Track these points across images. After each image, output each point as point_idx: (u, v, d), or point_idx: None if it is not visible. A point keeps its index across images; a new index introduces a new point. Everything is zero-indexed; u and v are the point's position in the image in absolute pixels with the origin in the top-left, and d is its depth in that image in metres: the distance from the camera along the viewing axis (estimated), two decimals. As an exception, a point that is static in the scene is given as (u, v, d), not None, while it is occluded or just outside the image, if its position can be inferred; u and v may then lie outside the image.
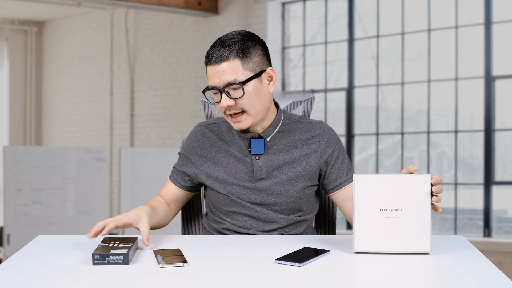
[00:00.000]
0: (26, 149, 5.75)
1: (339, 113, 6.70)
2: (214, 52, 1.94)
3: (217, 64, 1.93)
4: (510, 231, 5.77)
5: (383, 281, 1.45)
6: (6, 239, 5.43)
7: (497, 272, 1.47)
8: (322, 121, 2.12)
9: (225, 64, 1.92)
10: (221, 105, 1.95)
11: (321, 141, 2.06)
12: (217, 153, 2.08)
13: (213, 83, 1.95)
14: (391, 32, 6.37)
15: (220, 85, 1.94)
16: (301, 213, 2.08)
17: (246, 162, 2.04)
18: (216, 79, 1.94)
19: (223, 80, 1.93)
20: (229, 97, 1.94)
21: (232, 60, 1.93)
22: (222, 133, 2.10)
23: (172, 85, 7.71)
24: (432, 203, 1.67)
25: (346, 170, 2.07)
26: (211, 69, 1.94)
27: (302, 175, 2.03)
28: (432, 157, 6.18)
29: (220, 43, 1.95)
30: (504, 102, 5.82)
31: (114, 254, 1.56)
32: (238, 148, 2.06)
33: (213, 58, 1.93)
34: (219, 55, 1.93)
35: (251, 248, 1.79)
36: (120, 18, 8.31)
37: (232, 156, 2.06)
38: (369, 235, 1.65)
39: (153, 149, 7.03)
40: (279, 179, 2.02)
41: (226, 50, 1.93)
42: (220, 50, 1.93)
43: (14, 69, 9.27)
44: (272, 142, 2.05)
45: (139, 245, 1.80)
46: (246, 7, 6.91)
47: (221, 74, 1.93)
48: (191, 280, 1.44)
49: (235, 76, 1.92)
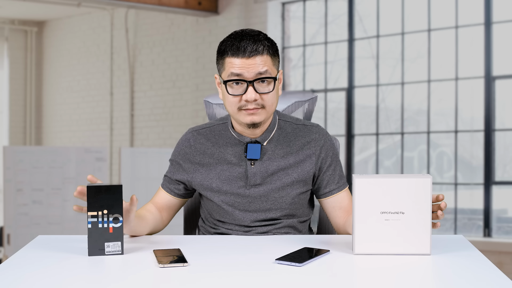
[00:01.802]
0: (26, 149, 5.75)
1: (339, 113, 6.70)
2: (247, 44, 1.92)
3: (251, 57, 1.91)
4: (510, 231, 5.77)
5: (383, 281, 1.45)
6: (6, 239, 5.43)
7: (497, 272, 1.47)
8: (318, 124, 2.11)
9: (259, 58, 1.92)
10: (247, 97, 1.92)
11: (316, 146, 2.05)
12: (210, 160, 2.05)
13: (241, 73, 1.92)
14: (391, 32, 6.37)
15: (249, 77, 1.92)
16: (295, 218, 2.07)
17: (241, 167, 2.01)
18: (246, 71, 1.92)
19: (254, 72, 1.92)
20: (255, 91, 1.93)
21: (266, 56, 1.94)
22: (215, 136, 2.07)
23: (172, 85, 7.71)
24: (433, 221, 1.68)
25: (337, 178, 2.06)
26: (240, 61, 1.92)
27: (297, 181, 2.02)
28: (432, 157, 6.18)
29: (250, 37, 1.93)
30: (504, 102, 5.82)
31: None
32: (233, 152, 2.03)
33: (247, 50, 1.91)
34: (253, 48, 1.92)
35: (251, 248, 1.79)
36: (120, 18, 8.31)
37: (226, 162, 2.03)
38: (369, 238, 1.65)
39: (153, 149, 7.03)
40: (274, 185, 2.01)
41: (260, 45, 1.93)
42: (254, 44, 1.92)
43: (14, 69, 9.27)
44: (267, 147, 2.03)
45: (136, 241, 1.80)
46: (246, 7, 6.91)
47: (253, 67, 1.92)
48: (191, 280, 1.44)
49: (267, 69, 1.93)
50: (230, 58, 1.93)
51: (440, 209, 1.68)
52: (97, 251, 1.66)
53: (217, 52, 1.99)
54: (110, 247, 1.66)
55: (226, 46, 1.94)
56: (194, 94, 7.30)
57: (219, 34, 7.00)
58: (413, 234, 1.65)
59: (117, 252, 1.67)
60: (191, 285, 1.41)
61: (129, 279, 1.46)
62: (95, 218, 1.65)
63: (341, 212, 2.04)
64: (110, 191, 1.65)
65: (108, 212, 1.66)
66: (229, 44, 1.94)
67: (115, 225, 1.66)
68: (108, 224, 1.66)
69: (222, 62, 1.96)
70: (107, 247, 1.66)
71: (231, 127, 2.05)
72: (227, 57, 1.94)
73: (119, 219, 1.67)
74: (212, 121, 2.13)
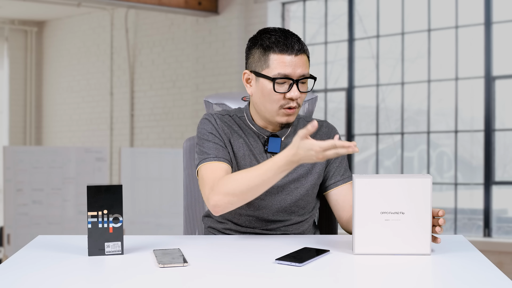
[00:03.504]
0: (26, 149, 5.75)
1: (339, 113, 6.70)
2: (294, 43, 1.93)
3: (298, 55, 1.93)
4: (510, 231, 5.76)
5: (383, 281, 1.45)
6: (6, 239, 5.43)
7: (497, 272, 1.47)
8: (325, 120, 2.15)
9: (303, 57, 1.94)
10: (293, 95, 1.93)
11: (326, 139, 2.07)
12: (236, 141, 2.04)
13: (289, 72, 1.93)
14: (391, 32, 6.37)
15: (295, 76, 1.93)
16: (304, 210, 2.08)
17: (261, 160, 2.03)
18: (293, 69, 1.92)
19: (300, 72, 1.93)
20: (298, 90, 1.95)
21: (306, 55, 1.96)
22: (236, 125, 2.07)
23: (172, 85, 7.71)
24: (433, 235, 1.68)
25: (342, 171, 2.10)
26: (289, 59, 1.92)
27: (311, 172, 2.05)
28: (432, 157, 6.18)
29: (294, 36, 1.95)
30: (504, 102, 5.82)
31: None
32: (255, 144, 2.05)
33: (294, 48, 1.92)
34: (300, 46, 1.93)
35: (251, 248, 1.79)
36: (120, 18, 8.31)
37: (249, 150, 2.04)
38: (369, 238, 1.65)
39: (153, 149, 7.03)
40: (290, 177, 2.03)
41: (304, 45, 1.95)
42: (299, 44, 1.94)
43: (14, 69, 9.27)
44: (285, 141, 2.06)
45: (139, 244, 1.80)
46: (246, 7, 6.91)
47: (300, 65, 1.93)
48: (191, 280, 1.44)
49: (308, 70, 1.96)
50: (277, 55, 1.93)
51: (438, 225, 1.69)
52: (97, 251, 1.66)
53: (255, 46, 1.96)
54: (110, 247, 1.66)
55: (270, 42, 1.93)
56: (194, 94, 7.30)
57: (219, 34, 7.00)
58: (413, 234, 1.65)
59: (117, 252, 1.67)
60: (191, 285, 1.41)
61: (129, 279, 1.46)
62: (95, 218, 1.65)
63: (345, 206, 2.05)
64: (110, 191, 1.65)
65: (108, 212, 1.66)
66: (273, 41, 1.93)
67: (115, 225, 1.66)
68: (108, 224, 1.66)
69: (266, 59, 1.94)
70: (107, 247, 1.66)
71: (250, 120, 2.06)
72: (273, 54, 1.93)
73: (119, 219, 1.67)
74: (227, 110, 2.11)
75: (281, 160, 1.78)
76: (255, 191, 1.84)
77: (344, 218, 2.05)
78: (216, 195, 1.86)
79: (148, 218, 5.70)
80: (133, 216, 5.76)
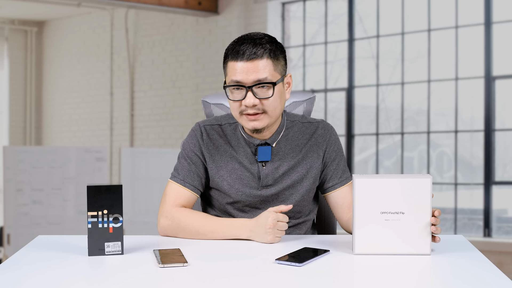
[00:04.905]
0: (26, 149, 5.75)
1: (339, 113, 6.70)
2: (246, 48, 1.88)
3: (250, 61, 1.88)
4: (510, 231, 5.76)
5: (383, 281, 1.45)
6: (6, 239, 5.43)
7: (497, 272, 1.47)
8: (323, 120, 2.11)
9: (258, 62, 1.89)
10: (246, 102, 1.90)
11: (322, 142, 2.06)
12: (222, 157, 2.03)
13: (240, 79, 1.89)
14: (391, 32, 6.37)
15: (248, 82, 1.89)
16: (300, 214, 2.07)
17: (252, 169, 2.01)
18: (245, 75, 1.89)
19: (253, 78, 1.88)
20: (254, 96, 1.90)
21: (266, 60, 1.90)
22: (227, 136, 2.05)
23: (172, 85, 7.71)
24: (433, 235, 1.68)
25: (340, 173, 2.07)
26: (240, 65, 1.89)
27: (306, 177, 2.03)
28: (432, 157, 6.18)
29: (251, 40, 1.90)
30: (504, 102, 5.82)
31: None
32: (245, 154, 2.02)
33: (245, 54, 1.88)
34: (253, 52, 1.88)
35: (251, 248, 1.79)
36: (120, 18, 8.31)
37: (238, 162, 2.02)
38: (369, 238, 1.65)
39: (153, 149, 7.03)
40: (285, 184, 2.02)
41: (260, 48, 1.89)
42: (254, 48, 1.88)
43: (14, 69, 9.27)
44: (277, 148, 2.03)
45: (140, 246, 1.80)
46: (246, 7, 6.91)
47: (252, 71, 1.88)
48: (191, 280, 1.44)
49: (267, 75, 1.89)
50: (231, 62, 1.91)
51: (433, 224, 1.68)
52: (97, 251, 1.66)
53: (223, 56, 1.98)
54: (110, 247, 1.67)
55: (228, 50, 1.93)
56: (194, 94, 7.30)
57: (219, 34, 7.00)
58: (413, 234, 1.65)
59: (117, 252, 1.67)
60: (191, 285, 1.41)
61: (129, 279, 1.46)
62: (95, 218, 1.65)
63: (345, 207, 2.05)
64: (110, 191, 1.65)
65: (108, 212, 1.66)
66: (230, 48, 1.92)
67: (115, 225, 1.66)
68: (108, 224, 1.66)
69: (225, 67, 1.94)
70: (107, 247, 1.66)
71: (241, 128, 2.04)
72: (228, 61, 1.92)
73: (119, 219, 1.67)
74: (220, 117, 2.10)
75: (239, 221, 1.90)
76: (202, 236, 1.92)
77: (344, 219, 2.05)
78: (168, 221, 1.96)
79: (148, 218, 5.70)
80: (133, 216, 5.76)
